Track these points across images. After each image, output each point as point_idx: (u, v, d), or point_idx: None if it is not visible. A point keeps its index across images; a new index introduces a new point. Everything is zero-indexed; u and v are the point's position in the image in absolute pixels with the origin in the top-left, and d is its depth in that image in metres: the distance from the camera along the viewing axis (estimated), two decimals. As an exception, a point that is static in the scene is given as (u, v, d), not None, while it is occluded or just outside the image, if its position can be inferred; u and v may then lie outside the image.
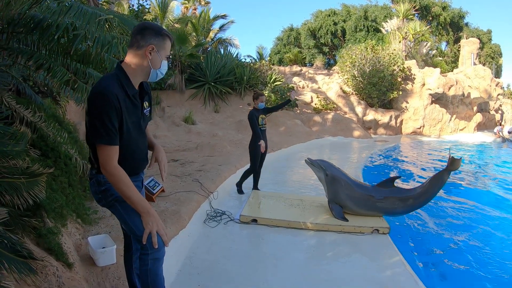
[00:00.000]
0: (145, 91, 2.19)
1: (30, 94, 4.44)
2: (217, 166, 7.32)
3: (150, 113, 2.32)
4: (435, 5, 29.64)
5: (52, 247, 2.54)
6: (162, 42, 2.05)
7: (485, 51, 31.53)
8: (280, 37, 35.91)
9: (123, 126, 2.01)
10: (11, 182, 2.32)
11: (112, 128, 1.92)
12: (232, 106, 17.00)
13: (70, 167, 3.83)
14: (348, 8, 31.10)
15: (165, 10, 17.54)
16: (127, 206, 2.09)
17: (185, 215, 4.46)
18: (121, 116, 1.97)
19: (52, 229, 2.67)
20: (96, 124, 1.90)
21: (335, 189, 5.04)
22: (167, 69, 2.16)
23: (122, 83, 2.01)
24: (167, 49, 2.10)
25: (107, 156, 1.95)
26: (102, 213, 4.02)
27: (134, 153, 2.16)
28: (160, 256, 2.19)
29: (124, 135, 2.04)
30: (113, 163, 1.96)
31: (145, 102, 2.21)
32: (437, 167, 10.39)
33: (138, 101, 2.11)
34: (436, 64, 23.71)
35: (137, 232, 2.12)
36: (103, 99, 1.89)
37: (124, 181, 1.97)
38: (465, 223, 5.61)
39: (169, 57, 2.14)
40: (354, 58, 18.48)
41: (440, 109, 18.96)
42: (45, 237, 2.56)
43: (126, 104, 2.01)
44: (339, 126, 16.07)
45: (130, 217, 2.12)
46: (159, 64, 2.07)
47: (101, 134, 1.91)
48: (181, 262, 3.63)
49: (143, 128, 2.22)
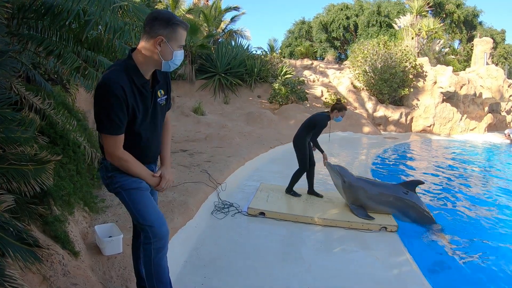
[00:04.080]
0: (157, 80, 2.13)
1: (40, 81, 4.41)
2: (225, 158, 7.29)
3: (167, 101, 2.28)
4: (449, 3, 29.09)
5: (59, 235, 2.53)
6: (173, 33, 1.96)
7: (498, 51, 31.00)
8: (292, 30, 35.62)
9: (131, 115, 2.01)
10: (18, 169, 2.30)
11: (116, 119, 1.93)
12: (242, 98, 16.92)
13: (79, 155, 3.81)
14: (361, 2, 30.70)
15: (177, 1, 17.45)
16: (131, 193, 2.14)
17: (192, 206, 4.44)
18: (127, 106, 1.96)
19: (59, 217, 2.66)
20: (100, 114, 1.94)
21: (354, 194, 5.10)
22: (182, 59, 2.07)
23: (129, 72, 1.98)
24: (180, 39, 1.99)
25: (112, 146, 2.00)
26: (109, 201, 4.01)
27: (141, 141, 2.14)
28: (162, 245, 2.19)
29: (133, 123, 2.04)
30: (117, 152, 2.02)
31: (159, 90, 2.17)
32: (446, 168, 10.29)
33: (147, 91, 2.07)
34: (448, 62, 23.31)
35: (140, 219, 2.15)
36: (107, 90, 1.90)
37: (130, 162, 2.06)
38: (474, 224, 5.52)
39: (184, 46, 2.07)
40: (366, 53, 18.25)
41: (451, 108, 18.67)
42: (51, 225, 2.54)
43: (134, 94, 1.99)
44: (349, 121, 15.89)
45: (134, 204, 2.15)
46: (171, 55, 1.99)
47: (104, 124, 1.94)
48: (187, 253, 3.61)
49: (154, 116, 2.17)
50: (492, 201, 6.95)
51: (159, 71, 2.13)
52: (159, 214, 2.21)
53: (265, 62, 18.31)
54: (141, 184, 2.16)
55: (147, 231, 2.14)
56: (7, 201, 1.97)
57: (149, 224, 2.13)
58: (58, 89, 5.17)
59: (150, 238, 2.14)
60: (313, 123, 5.49)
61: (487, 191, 7.91)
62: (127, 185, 2.13)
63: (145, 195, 2.18)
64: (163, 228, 2.19)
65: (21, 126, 2.69)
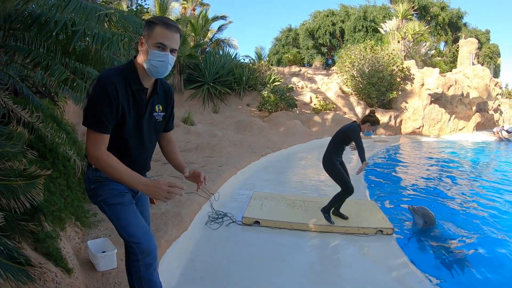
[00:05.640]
0: (156, 91, 2.07)
1: (28, 94, 4.34)
2: (217, 167, 7.24)
3: (164, 119, 2.19)
4: (434, 5, 29.58)
5: (51, 252, 2.45)
6: (150, 30, 1.89)
7: (484, 51, 31.53)
8: (279, 38, 35.84)
9: (121, 117, 1.95)
10: (7, 185, 2.23)
11: (102, 116, 1.87)
12: (232, 106, 16.92)
13: (69, 169, 3.74)
14: (346, 8, 31.00)
15: (164, 10, 17.44)
16: (114, 208, 2.05)
17: (186, 217, 4.38)
18: (117, 106, 1.90)
19: (50, 233, 2.58)
20: (88, 108, 1.89)
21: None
22: (163, 61, 1.90)
23: (127, 74, 1.94)
24: (155, 37, 1.87)
25: (93, 143, 1.90)
26: (101, 215, 3.93)
27: (129, 150, 2.06)
28: (151, 261, 2.12)
29: (121, 127, 1.98)
30: (98, 151, 1.89)
31: (158, 105, 2.11)
32: (438, 168, 10.37)
33: (142, 98, 2.02)
34: (435, 64, 23.64)
35: (125, 235, 2.08)
36: (99, 86, 1.86)
37: (112, 165, 1.89)
38: (470, 223, 5.54)
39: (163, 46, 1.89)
40: (354, 58, 18.41)
41: (439, 109, 18.89)
42: (43, 242, 2.46)
43: (127, 97, 1.94)
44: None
45: (118, 220, 2.07)
46: (146, 54, 1.90)
47: (89, 118, 1.89)
48: (183, 265, 3.54)
49: (147, 128, 2.10)
50: (487, 199, 7.01)
51: (160, 83, 2.09)
52: (145, 229, 2.12)
53: (253, 70, 18.36)
54: (124, 198, 2.08)
55: (133, 247, 2.06)
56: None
57: (135, 241, 2.05)
58: (47, 101, 5.09)
59: (137, 255, 2.06)
60: (343, 136, 4.82)
61: (482, 188, 7.98)
62: (109, 200, 2.06)
63: (129, 210, 2.09)
64: (151, 244, 2.10)
65: (9, 141, 2.62)
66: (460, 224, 5.42)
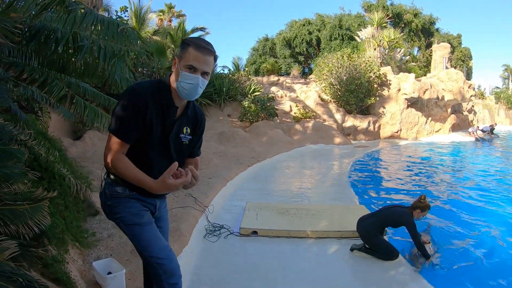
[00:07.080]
0: (186, 113, 2.04)
1: (15, 110, 4.17)
2: (207, 180, 7.17)
3: (190, 143, 2.13)
4: (407, 13, 30.45)
5: (60, 277, 2.35)
6: (183, 51, 1.89)
7: (456, 55, 32.64)
8: (256, 48, 35.97)
9: (148, 128, 1.92)
10: (13, 210, 2.12)
11: (126, 122, 1.87)
12: (213, 118, 16.82)
13: (65, 188, 3.62)
14: (322, 17, 31.54)
15: (141, 22, 17.28)
16: (133, 229, 2.01)
17: (185, 232, 4.33)
18: (144, 116, 1.89)
19: (56, 257, 2.48)
20: (115, 115, 1.89)
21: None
22: (194, 83, 1.87)
23: (160, 88, 1.94)
24: (188, 58, 1.86)
25: (112, 146, 1.89)
26: (99, 234, 3.83)
27: (151, 167, 1.98)
28: (175, 281, 2.08)
29: (146, 141, 1.95)
30: (116, 155, 1.89)
31: (186, 127, 2.08)
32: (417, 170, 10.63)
33: (170, 116, 1.98)
34: (410, 69, 24.25)
35: (146, 255, 2.03)
36: (130, 93, 1.90)
37: (128, 168, 1.88)
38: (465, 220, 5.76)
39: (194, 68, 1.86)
40: (331, 66, 18.68)
41: (416, 113, 19.37)
42: (50, 267, 2.36)
43: (156, 110, 1.93)
44: (320, 133, 16.10)
45: (138, 241, 2.02)
46: (177, 75, 1.89)
47: (114, 125, 1.88)
48: (188, 279, 3.49)
49: (173, 148, 2.05)
50: (470, 198, 7.29)
51: (193, 106, 2.08)
52: (167, 249, 2.07)
53: (233, 81, 18.37)
54: (143, 218, 2.03)
55: (155, 267, 2.01)
56: (10, 247, 1.78)
57: (157, 262, 2.00)
58: (33, 117, 4.92)
59: (160, 275, 2.01)
60: (395, 221, 4.28)
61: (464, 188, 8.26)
62: (127, 220, 2.01)
63: (148, 230, 2.03)
64: (173, 263, 2.06)
65: (8, 161, 2.51)
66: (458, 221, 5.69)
